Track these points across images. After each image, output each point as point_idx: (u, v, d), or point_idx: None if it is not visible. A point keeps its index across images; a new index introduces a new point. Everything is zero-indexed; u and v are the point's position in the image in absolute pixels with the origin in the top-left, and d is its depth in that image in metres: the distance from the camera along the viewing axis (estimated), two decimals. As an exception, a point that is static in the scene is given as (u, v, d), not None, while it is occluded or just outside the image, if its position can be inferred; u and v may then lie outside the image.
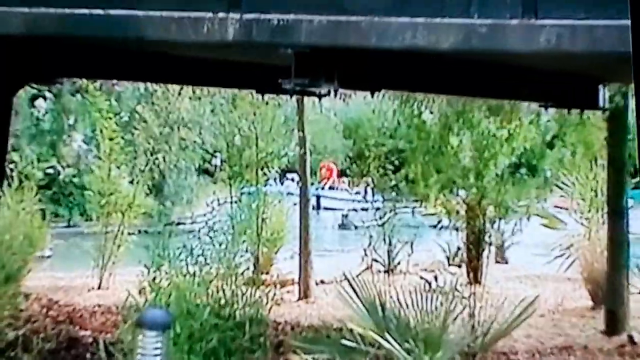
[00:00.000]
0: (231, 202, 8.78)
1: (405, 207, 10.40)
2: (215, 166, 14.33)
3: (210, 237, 5.35)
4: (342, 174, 20.24)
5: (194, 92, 9.34)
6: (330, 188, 20.86)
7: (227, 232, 6.73)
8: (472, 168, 8.71)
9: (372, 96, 3.69)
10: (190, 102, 9.96)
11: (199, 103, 9.99)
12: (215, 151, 11.84)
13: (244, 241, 6.86)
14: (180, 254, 4.93)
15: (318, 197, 19.29)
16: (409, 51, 2.75)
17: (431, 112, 8.98)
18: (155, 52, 4.03)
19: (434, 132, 8.79)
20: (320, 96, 4.13)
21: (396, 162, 9.94)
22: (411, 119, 8.98)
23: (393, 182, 9.81)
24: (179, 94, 9.62)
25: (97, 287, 8.22)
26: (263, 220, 8.29)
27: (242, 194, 8.76)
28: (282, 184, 13.42)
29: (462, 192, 9.11)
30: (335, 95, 3.54)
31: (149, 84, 9.02)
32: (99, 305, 7.16)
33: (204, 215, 13.93)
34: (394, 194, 10.00)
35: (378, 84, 3.75)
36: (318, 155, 19.12)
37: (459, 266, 9.47)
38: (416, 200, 9.98)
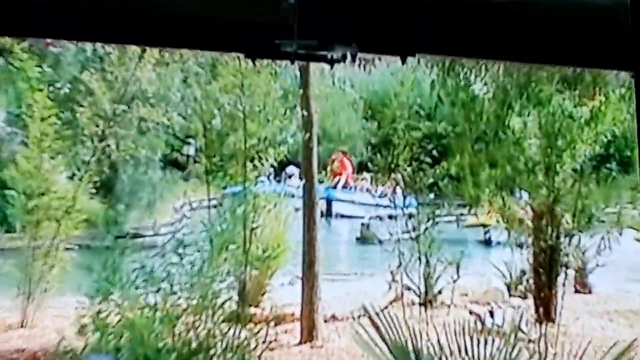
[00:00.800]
0: (209, 207, 8.82)
1: (448, 214, 10.23)
2: (188, 157, 14.52)
3: (179, 255, 5.37)
4: (361, 168, 20.27)
5: (161, 55, 9.41)
6: (345, 187, 20.87)
7: (203, 248, 6.93)
8: (541, 161, 8.76)
9: (403, 63, 3.65)
10: (154, 70, 10.03)
11: (167, 71, 10.08)
12: (187, 136, 12.19)
13: (225, 260, 6.91)
14: (136, 278, 4.92)
15: (329, 200, 19.16)
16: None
17: (484, 85, 9.07)
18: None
19: (488, 112, 8.89)
20: (332, 62, 4.09)
21: (435, 153, 9.91)
22: (456, 93, 9.08)
23: (431, 180, 9.73)
24: (140, 58, 9.68)
25: (20, 324, 8.13)
26: (253, 231, 8.32)
27: (224, 195, 8.87)
28: (279, 181, 13.44)
29: (526, 195, 9.17)
30: (353, 61, 3.51)
31: (98, 45, 9.04)
32: (21, 351, 7.11)
33: (171, 224, 13.77)
34: (432, 196, 9.99)
35: (411, 46, 3.65)
36: (329, 143, 18.98)
37: (524, 297, 9.53)
38: (463, 205, 10.04)
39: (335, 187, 20.78)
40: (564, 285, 8.84)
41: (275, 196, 9.71)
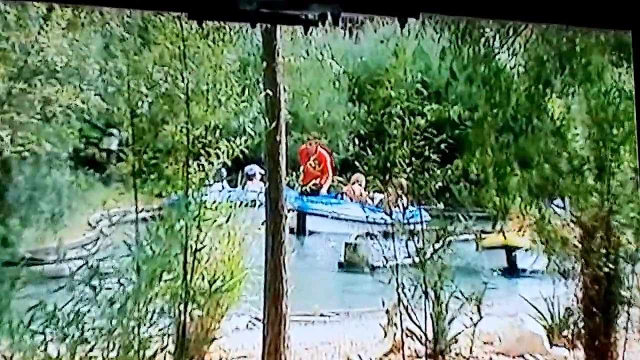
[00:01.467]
0: (136, 221, 8.71)
1: (465, 231, 10.17)
2: (109, 153, 14.42)
3: (94, 289, 5.31)
4: (345, 167, 20.12)
5: (75, 15, 9.50)
6: (316, 193, 20.68)
7: (127, 278, 7.03)
8: (591, 157, 8.87)
9: (403, 27, 3.62)
10: (65, 36, 10.06)
11: (81, 37, 10.10)
12: (108, 125, 12.30)
13: (157, 296, 7.00)
14: (32, 320, 4.85)
15: (302, 212, 19.08)
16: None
17: (513, 54, 9.14)
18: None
19: (518, 91, 8.97)
20: (306, 25, 4.10)
21: (445, 147, 9.87)
22: (475, 66, 9.14)
23: (440, 184, 9.77)
24: (46, 20, 9.73)
25: None
26: (196, 255, 8.34)
27: (158, 206, 8.87)
28: (234, 186, 13.52)
29: (570, 204, 9.26)
30: (335, 24, 3.50)
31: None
32: None
33: (83, 246, 13.89)
34: (441, 206, 10.03)
35: (413, 4, 3.68)
36: (302, 134, 18.97)
37: (571, 346, 9.53)
38: (484, 219, 10.11)
39: (311, 193, 20.66)
40: (626, 329, 8.82)
41: (228, 206, 9.66)
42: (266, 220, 8.92)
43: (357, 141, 10.93)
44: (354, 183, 20.06)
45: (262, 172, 10.22)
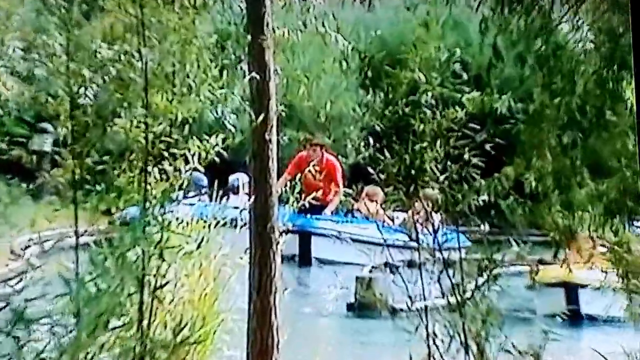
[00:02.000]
0: (76, 248, 8.72)
1: (517, 261, 10.01)
2: (40, 156, 14.57)
3: (16, 340, 5.67)
4: (356, 175, 19.82)
5: None
6: (317, 211, 20.43)
7: (63, 325, 7.20)
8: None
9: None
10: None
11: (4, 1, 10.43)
12: (39, 119, 12.76)
13: (103, 349, 7.11)
14: None
15: (304, 234, 19.02)
16: None
17: (576, 27, 9.28)
18: None
19: (586, 74, 9.10)
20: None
21: (490, 148, 9.80)
22: (528, 42, 9.30)
23: (483, 198, 9.66)
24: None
25: None
26: (156, 293, 8.26)
27: (109, 222, 8.83)
28: (212, 198, 13.26)
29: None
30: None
31: None
32: None
33: (4, 282, 14.14)
34: (485, 226, 9.99)
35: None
36: (297, 131, 18.94)
37: None
38: (541, 244, 10.18)
39: (315, 211, 20.47)
40: None
41: (201, 227, 9.74)
42: (250, 246, 8.90)
43: (371, 141, 10.84)
44: (373, 199, 19.92)
45: (245, 182, 10.07)
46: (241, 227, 9.75)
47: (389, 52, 16.72)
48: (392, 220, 17.54)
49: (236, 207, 11.19)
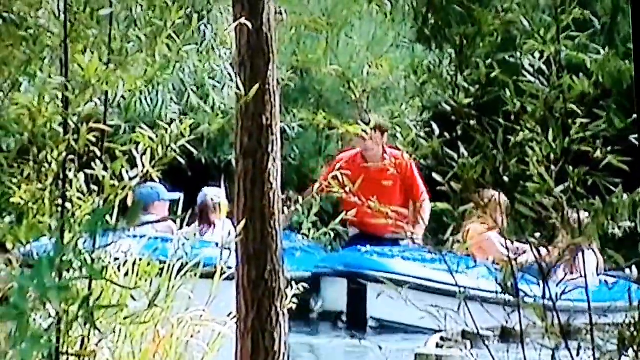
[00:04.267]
0: None
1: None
2: None
3: None
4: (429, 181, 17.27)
5: None
6: (395, 243, 17.86)
7: None
8: None
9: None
10: None
11: None
12: None
13: None
14: None
15: (356, 278, 16.77)
16: None
17: None
18: None
19: None
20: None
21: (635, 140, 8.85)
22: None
23: (625, 223, 8.19)
24: None
25: None
26: None
27: (5, 264, 8.26)
28: (177, 226, 12.66)
29: None
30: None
31: None
32: None
33: None
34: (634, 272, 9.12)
35: None
36: (315, 113, 18.27)
37: None
38: None
39: (364, 239, 17.59)
40: None
41: (155, 274, 8.64)
42: (238, 305, 7.26)
43: (435, 128, 9.52)
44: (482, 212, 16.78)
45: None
46: (222, 273, 8.39)
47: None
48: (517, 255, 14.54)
49: (214, 244, 10.27)
